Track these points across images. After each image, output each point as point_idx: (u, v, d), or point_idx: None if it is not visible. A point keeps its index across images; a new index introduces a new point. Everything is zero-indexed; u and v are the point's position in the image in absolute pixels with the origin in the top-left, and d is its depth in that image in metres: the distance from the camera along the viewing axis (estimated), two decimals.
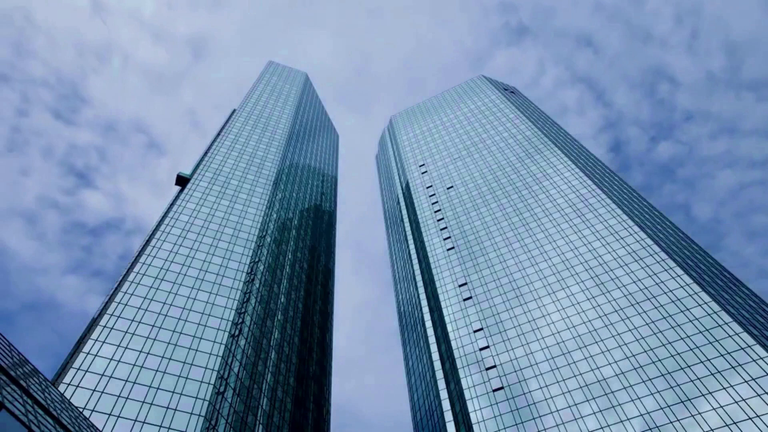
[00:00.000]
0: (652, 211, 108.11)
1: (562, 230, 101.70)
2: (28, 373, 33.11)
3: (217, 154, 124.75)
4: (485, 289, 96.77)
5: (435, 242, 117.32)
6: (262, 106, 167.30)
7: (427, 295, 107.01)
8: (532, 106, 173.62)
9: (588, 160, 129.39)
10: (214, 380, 66.36)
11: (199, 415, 60.99)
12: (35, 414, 27.11)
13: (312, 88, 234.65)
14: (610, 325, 78.67)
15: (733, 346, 67.32)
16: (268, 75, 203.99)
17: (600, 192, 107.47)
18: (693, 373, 66.70)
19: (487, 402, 76.27)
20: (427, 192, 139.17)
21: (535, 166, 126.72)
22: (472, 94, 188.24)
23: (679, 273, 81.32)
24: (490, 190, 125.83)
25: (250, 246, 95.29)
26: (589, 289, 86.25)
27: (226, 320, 76.61)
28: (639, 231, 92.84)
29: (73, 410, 38.33)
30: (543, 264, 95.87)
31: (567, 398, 71.59)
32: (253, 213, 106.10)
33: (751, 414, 59.41)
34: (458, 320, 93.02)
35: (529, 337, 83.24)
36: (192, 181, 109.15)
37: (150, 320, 71.48)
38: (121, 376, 61.97)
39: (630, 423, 64.88)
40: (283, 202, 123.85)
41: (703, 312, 73.51)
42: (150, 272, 79.58)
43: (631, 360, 72.21)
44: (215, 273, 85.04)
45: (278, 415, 78.62)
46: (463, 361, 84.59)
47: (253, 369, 76.97)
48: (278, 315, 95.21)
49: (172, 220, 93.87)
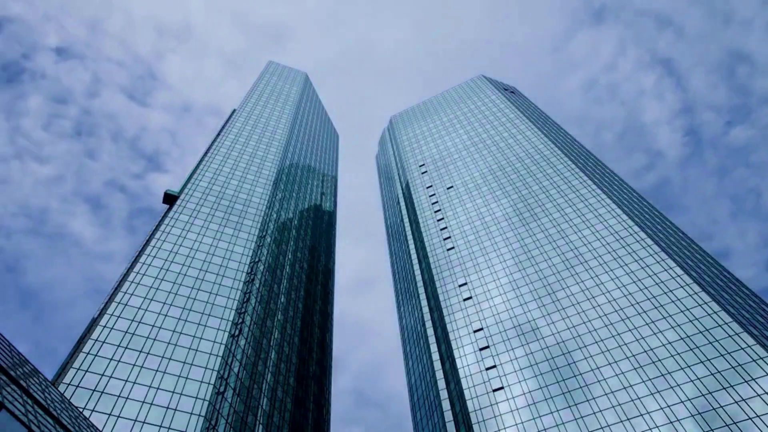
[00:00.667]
0: (652, 210, 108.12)
1: (562, 230, 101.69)
2: (28, 373, 33.11)
3: (217, 154, 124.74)
4: (485, 289, 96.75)
5: (435, 242, 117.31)
6: (262, 106, 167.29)
7: (427, 295, 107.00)
8: (532, 106, 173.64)
9: (588, 160, 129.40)
10: (214, 380, 66.36)
11: (199, 415, 60.99)
12: (35, 414, 27.11)
13: (312, 88, 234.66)
14: (610, 325, 78.66)
15: (733, 347, 67.32)
16: (268, 75, 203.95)
17: (600, 192, 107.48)
18: (693, 373, 66.70)
19: (487, 402, 76.26)
20: (427, 192, 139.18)
21: (535, 166, 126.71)
22: (472, 94, 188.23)
23: (679, 273, 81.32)
24: (490, 190, 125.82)
25: (250, 246, 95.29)
26: (589, 289, 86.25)
27: (226, 320, 76.61)
28: (639, 231, 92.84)
29: (73, 410, 38.33)
30: (543, 264, 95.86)
31: (567, 398, 71.59)
32: (253, 213, 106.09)
33: (751, 414, 59.40)
34: (458, 320, 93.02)
35: (529, 337, 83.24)
36: (192, 181, 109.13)
37: (150, 320, 71.47)
38: (121, 376, 61.96)
39: (630, 423, 64.88)
40: (283, 202, 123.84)
41: (703, 312, 73.51)
42: (150, 272, 79.57)
43: (631, 360, 72.21)
44: (215, 273, 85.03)
45: (278, 415, 78.61)
46: (463, 360, 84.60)
47: (253, 369, 76.96)
48: (278, 315, 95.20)
49: (173, 220, 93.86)
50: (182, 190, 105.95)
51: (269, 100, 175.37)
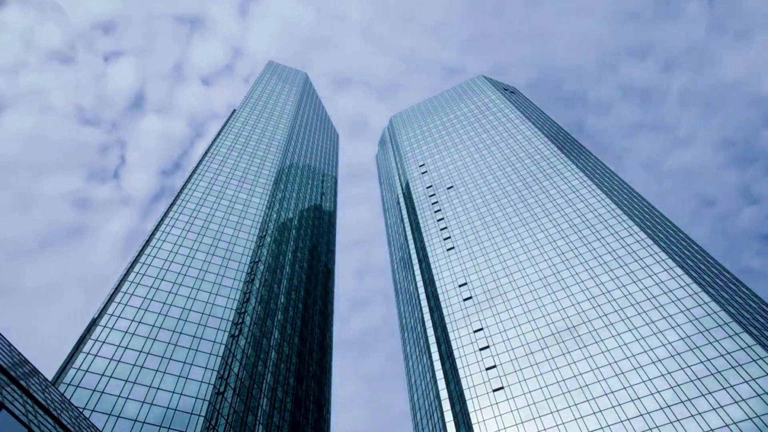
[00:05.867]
0: (652, 210, 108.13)
1: (562, 230, 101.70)
2: (28, 373, 33.12)
3: (217, 154, 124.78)
4: (485, 289, 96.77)
5: (435, 242, 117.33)
6: (262, 106, 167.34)
7: (427, 295, 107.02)
8: (532, 106, 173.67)
9: (588, 161, 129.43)
10: (214, 380, 66.38)
11: (199, 415, 61.00)
12: (35, 414, 27.11)
13: (312, 87, 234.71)
14: (610, 325, 78.66)
15: (733, 346, 67.33)
16: (268, 75, 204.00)
17: (600, 192, 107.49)
18: (693, 372, 66.71)
19: (487, 402, 76.27)
20: (427, 192, 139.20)
21: (535, 166, 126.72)
22: (472, 94, 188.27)
23: (679, 273, 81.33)
24: (490, 190, 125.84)
25: (250, 246, 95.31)
26: (589, 289, 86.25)
27: (226, 320, 76.63)
28: (639, 231, 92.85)
29: (73, 410, 38.34)
30: (543, 264, 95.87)
31: (567, 398, 71.58)
32: (253, 213, 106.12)
33: (751, 414, 59.42)
34: (458, 320, 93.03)
35: (529, 337, 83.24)
36: (192, 182, 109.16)
37: (150, 320, 71.49)
38: (121, 376, 61.98)
39: (630, 423, 64.88)
40: (283, 202, 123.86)
41: (703, 312, 73.52)
42: (150, 272, 79.59)
43: (630, 360, 72.20)
44: (215, 273, 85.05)
45: (278, 415, 78.62)
46: (463, 361, 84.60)
47: (253, 369, 76.97)
48: (278, 315, 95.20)
49: (173, 220, 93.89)
50: (182, 190, 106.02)
51: (269, 100, 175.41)
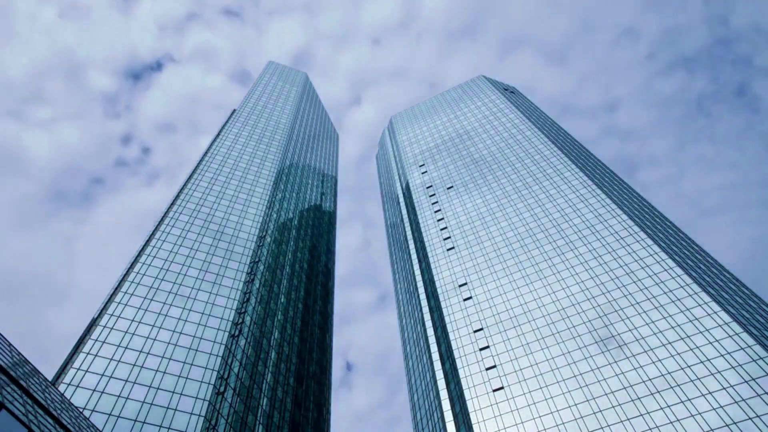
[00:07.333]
0: (653, 211, 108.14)
1: (562, 230, 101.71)
2: (28, 373, 33.13)
3: (217, 154, 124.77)
4: (485, 289, 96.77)
5: (435, 242, 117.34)
6: (262, 106, 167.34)
7: (427, 295, 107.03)
8: (532, 106, 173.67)
9: (588, 161, 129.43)
10: (214, 380, 66.38)
11: (199, 415, 61.01)
12: (35, 414, 27.12)
13: (312, 87, 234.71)
14: (610, 325, 78.67)
15: (733, 346, 67.34)
16: (268, 75, 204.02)
17: (600, 192, 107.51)
18: (693, 372, 66.71)
19: (487, 402, 76.28)
20: (427, 192, 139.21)
21: (535, 166, 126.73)
22: (472, 94, 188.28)
23: (679, 273, 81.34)
24: (491, 190, 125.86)
25: (250, 246, 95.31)
26: (590, 289, 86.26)
27: (226, 320, 76.64)
28: (639, 231, 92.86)
29: (73, 410, 38.34)
30: (543, 264, 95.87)
31: (567, 398, 71.59)
32: (253, 213, 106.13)
33: (751, 414, 59.42)
34: (458, 320, 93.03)
35: (529, 337, 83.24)
36: (192, 181, 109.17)
37: (150, 320, 71.50)
38: (121, 376, 61.99)
39: (630, 423, 64.89)
40: (283, 202, 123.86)
41: (703, 312, 73.53)
42: (150, 272, 79.60)
43: (630, 360, 72.21)
44: (215, 273, 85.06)
45: (278, 415, 78.63)
46: (463, 361, 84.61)
47: (253, 369, 76.97)
48: (278, 315, 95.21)
49: (172, 220, 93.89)
50: (183, 189, 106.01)
51: (269, 101, 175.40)
